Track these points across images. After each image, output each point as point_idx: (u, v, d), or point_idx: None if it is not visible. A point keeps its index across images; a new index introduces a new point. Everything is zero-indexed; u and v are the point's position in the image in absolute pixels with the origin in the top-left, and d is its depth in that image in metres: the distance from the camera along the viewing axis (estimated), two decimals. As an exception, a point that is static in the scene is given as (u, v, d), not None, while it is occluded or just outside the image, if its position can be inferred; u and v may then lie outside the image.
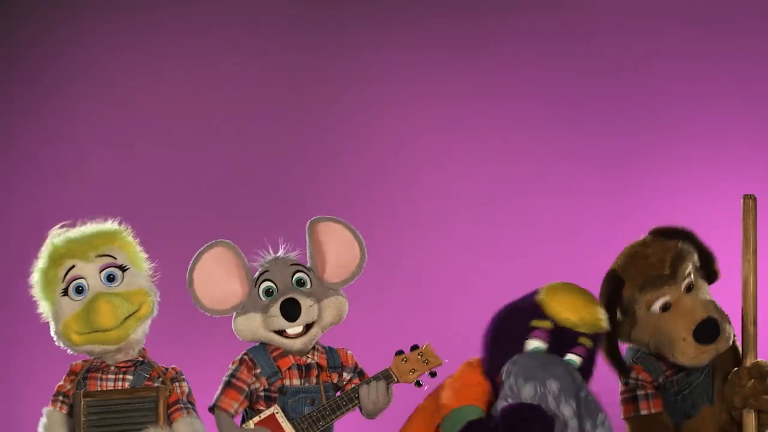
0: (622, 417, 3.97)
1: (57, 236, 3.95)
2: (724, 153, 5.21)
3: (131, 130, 5.47)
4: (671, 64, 5.31)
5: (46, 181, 5.43)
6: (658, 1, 5.35)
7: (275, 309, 3.89)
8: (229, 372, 3.96)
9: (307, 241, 4.02)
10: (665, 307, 3.85)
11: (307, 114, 5.48)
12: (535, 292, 3.82)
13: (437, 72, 5.45)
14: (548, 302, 3.73)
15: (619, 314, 3.90)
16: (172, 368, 3.93)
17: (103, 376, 3.88)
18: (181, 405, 3.87)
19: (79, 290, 3.86)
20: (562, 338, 3.70)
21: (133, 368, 3.89)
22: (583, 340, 3.71)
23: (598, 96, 5.36)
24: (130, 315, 3.84)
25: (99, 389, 3.86)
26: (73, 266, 3.87)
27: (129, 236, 3.98)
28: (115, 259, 3.91)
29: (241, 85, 5.48)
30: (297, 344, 3.93)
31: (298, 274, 3.97)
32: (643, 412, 3.91)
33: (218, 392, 3.94)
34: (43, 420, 3.87)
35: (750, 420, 3.79)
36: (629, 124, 5.32)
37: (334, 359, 4.00)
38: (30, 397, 5.03)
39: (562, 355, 3.69)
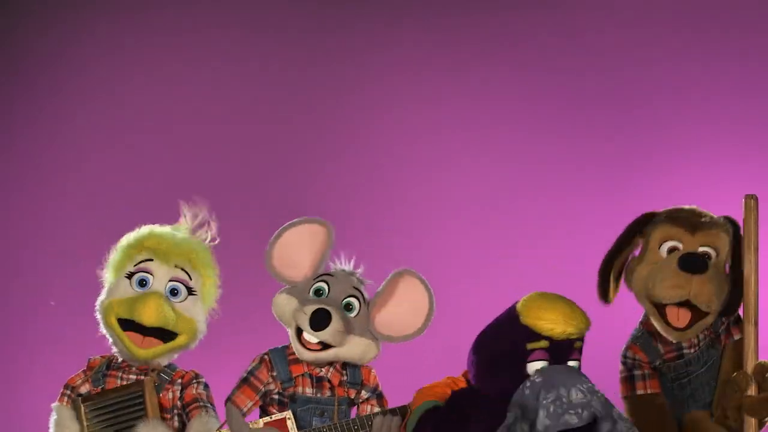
0: (620, 396, 3.99)
1: (157, 227, 3.95)
2: (725, 152, 5.21)
3: (131, 130, 5.48)
4: (672, 64, 5.31)
5: (46, 181, 5.43)
6: (659, 1, 5.36)
7: (309, 309, 3.85)
8: (249, 369, 3.95)
9: (386, 282, 3.96)
10: (672, 251, 3.86)
11: (306, 114, 5.48)
12: (514, 313, 3.80)
13: (437, 72, 5.45)
14: (537, 323, 3.72)
15: (637, 241, 3.92)
16: (192, 371, 3.92)
17: (124, 376, 3.87)
18: (200, 403, 3.87)
19: (142, 283, 3.86)
20: (560, 351, 3.71)
21: (155, 370, 3.89)
22: (577, 344, 3.74)
23: (599, 96, 5.36)
24: (166, 337, 3.84)
25: (111, 388, 3.87)
26: (150, 260, 3.87)
27: (215, 266, 3.98)
28: (190, 279, 3.91)
29: (241, 85, 5.48)
30: (306, 355, 3.90)
31: (352, 299, 3.92)
32: (639, 392, 3.93)
33: (235, 387, 3.93)
34: (54, 416, 3.86)
35: (750, 423, 3.81)
36: (630, 124, 5.32)
37: (355, 375, 3.97)
38: (29, 398, 5.05)
39: (562, 364, 3.71)
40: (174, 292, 3.88)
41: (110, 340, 3.89)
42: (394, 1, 5.49)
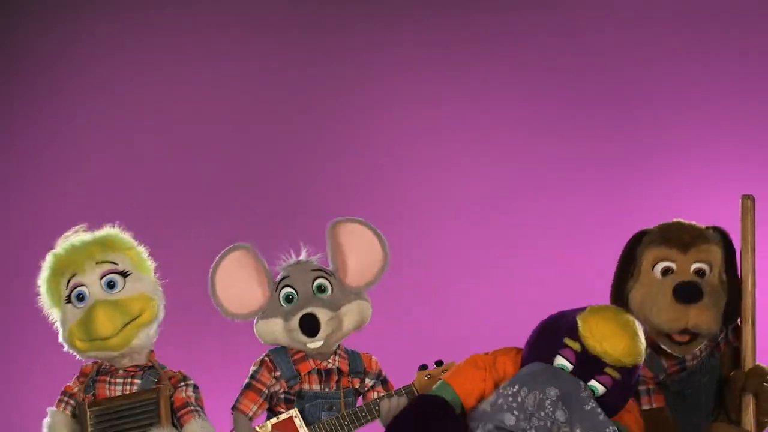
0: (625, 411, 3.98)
1: (59, 245, 3.94)
2: (722, 153, 5.21)
3: (131, 130, 5.48)
4: (671, 64, 5.31)
5: (46, 181, 5.43)
6: (659, 1, 5.36)
7: (295, 322, 3.84)
8: (250, 373, 3.93)
9: (328, 243, 3.94)
10: (666, 273, 3.85)
11: (306, 114, 5.48)
12: (582, 308, 3.75)
13: (437, 72, 5.45)
14: (583, 324, 3.66)
15: (632, 269, 3.91)
16: (179, 372, 3.92)
17: (112, 380, 3.88)
18: (192, 407, 3.86)
19: (80, 298, 3.85)
20: (587, 363, 3.65)
21: (141, 372, 3.88)
22: (609, 370, 3.65)
23: (598, 96, 5.35)
24: (129, 322, 3.83)
25: (107, 394, 3.86)
26: (75, 274, 3.87)
27: (132, 241, 3.96)
28: (117, 265, 3.90)
29: (242, 85, 5.48)
30: (316, 344, 3.89)
31: (318, 280, 3.90)
32: (645, 406, 3.90)
33: (239, 394, 3.92)
34: (47, 420, 3.87)
35: (748, 402, 3.80)
36: (629, 125, 5.32)
37: (356, 364, 3.96)
38: (29, 398, 5.05)
39: (587, 380, 3.64)
40: (111, 284, 3.87)
41: (89, 358, 3.91)
42: (394, 1, 5.49)
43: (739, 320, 3.92)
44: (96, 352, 3.83)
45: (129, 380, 3.87)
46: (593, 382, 3.63)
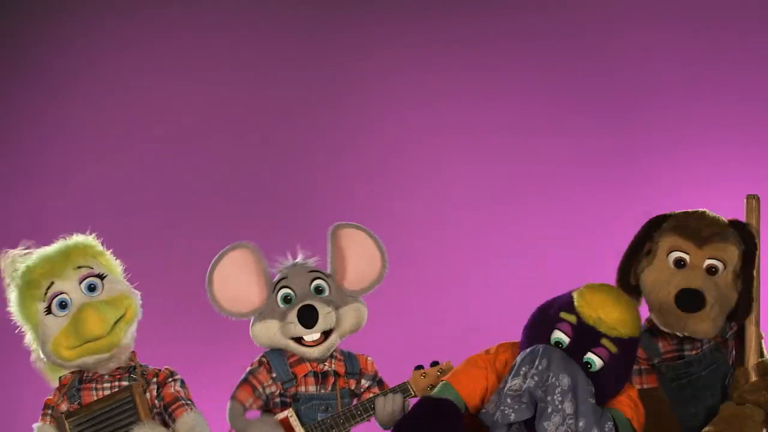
0: None
1: (25, 258, 3.93)
2: (727, 153, 5.22)
3: (131, 130, 5.48)
4: (674, 63, 5.31)
5: (46, 182, 5.44)
6: (665, 2, 5.36)
7: (293, 315, 3.87)
8: (249, 370, 3.95)
9: (328, 246, 3.98)
10: (678, 263, 3.84)
11: (306, 114, 5.49)
12: (577, 288, 3.81)
13: (437, 72, 5.46)
14: (578, 296, 3.72)
15: (647, 247, 3.91)
16: (165, 368, 3.92)
17: (98, 386, 3.87)
18: (182, 401, 3.86)
19: (63, 305, 3.84)
20: (584, 336, 3.68)
21: (126, 374, 3.88)
22: (605, 342, 3.68)
23: (600, 96, 5.36)
24: (118, 320, 3.83)
25: (96, 400, 3.86)
26: (53, 283, 3.86)
27: (99, 245, 3.97)
28: (92, 268, 3.91)
29: (242, 85, 5.49)
30: (315, 352, 3.91)
31: (316, 281, 3.94)
32: (636, 386, 3.91)
33: (236, 386, 3.93)
34: None
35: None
36: (633, 125, 5.32)
37: (353, 365, 3.98)
38: (30, 396, 5.04)
39: (584, 352, 3.67)
40: (91, 287, 3.88)
41: (81, 368, 3.89)
42: (394, 2, 5.49)
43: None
44: (85, 357, 3.82)
45: (116, 384, 3.88)
46: (590, 355, 3.66)
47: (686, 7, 5.33)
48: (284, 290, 3.93)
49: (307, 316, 3.86)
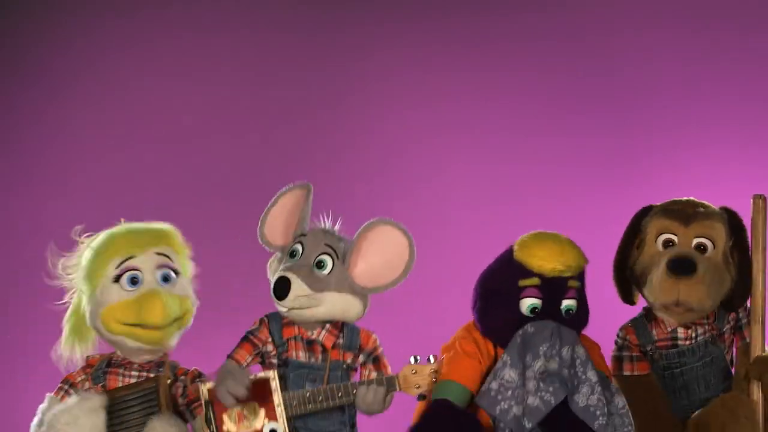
0: (612, 373, 4.00)
1: (116, 228, 3.92)
2: (728, 153, 5.22)
3: (131, 130, 5.48)
4: (674, 63, 5.32)
5: (46, 181, 5.43)
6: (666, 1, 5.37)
7: (275, 278, 3.84)
8: (249, 329, 3.92)
9: (358, 233, 3.90)
10: (667, 245, 3.86)
11: (306, 114, 5.48)
12: (510, 252, 3.85)
13: (437, 72, 5.46)
14: (529, 259, 3.76)
15: (638, 239, 3.95)
16: (195, 369, 3.92)
17: (126, 372, 3.87)
18: None
19: (134, 281, 3.84)
20: (553, 289, 3.74)
21: (155, 367, 3.89)
22: (571, 283, 3.75)
23: (600, 96, 5.36)
24: (176, 319, 3.85)
25: (120, 385, 3.85)
26: (132, 257, 3.85)
27: (184, 244, 3.98)
28: (171, 261, 3.91)
29: (242, 85, 5.48)
30: (282, 309, 3.85)
31: (323, 255, 3.87)
32: (626, 372, 3.95)
33: (236, 345, 3.89)
34: (43, 405, 3.85)
35: (753, 390, 3.82)
36: (633, 125, 5.33)
37: (351, 339, 3.92)
38: (30, 396, 5.03)
39: (558, 304, 3.73)
40: (166, 278, 3.88)
41: (115, 346, 3.88)
42: (393, 2, 5.49)
43: (742, 313, 3.96)
44: (128, 339, 3.82)
45: (144, 374, 3.87)
46: (565, 303, 3.74)
47: (686, 7, 5.33)
48: (296, 245, 3.89)
49: (279, 288, 3.82)
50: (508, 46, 5.42)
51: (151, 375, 3.86)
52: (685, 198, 3.98)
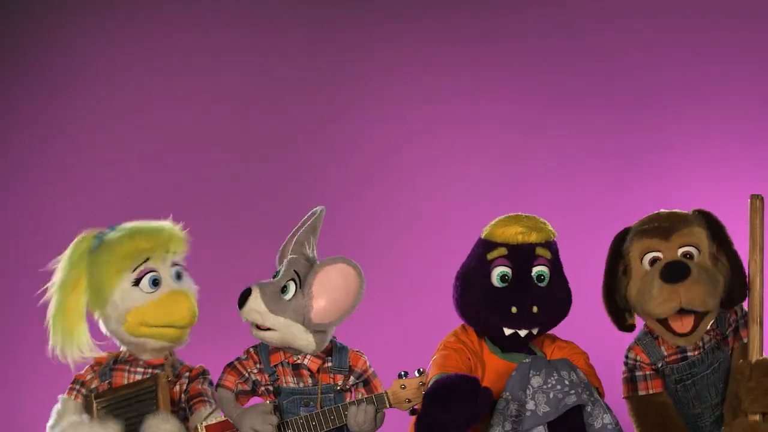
0: (622, 396, 4.02)
1: (120, 231, 3.92)
2: (730, 152, 5.21)
3: (131, 130, 5.48)
4: (674, 63, 5.31)
5: (47, 181, 5.43)
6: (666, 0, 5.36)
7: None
8: (236, 358, 3.96)
9: (311, 275, 3.88)
10: (653, 262, 3.87)
11: (305, 114, 5.48)
12: (479, 238, 3.97)
13: (437, 72, 5.45)
14: (492, 233, 3.90)
15: (621, 268, 3.95)
16: (200, 366, 3.94)
17: (132, 369, 3.89)
18: (205, 398, 3.89)
19: (156, 283, 3.86)
20: (521, 256, 3.85)
21: (161, 365, 3.91)
22: (540, 251, 3.86)
23: (601, 95, 5.36)
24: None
25: (125, 382, 3.87)
26: (148, 259, 3.85)
27: (185, 238, 4.00)
28: (179, 258, 3.96)
29: (242, 85, 5.48)
30: (259, 333, 3.88)
31: (289, 282, 3.88)
32: (641, 392, 3.95)
33: (222, 373, 3.93)
34: (57, 406, 3.90)
35: None
36: (633, 125, 5.31)
37: (340, 361, 3.94)
38: (30, 396, 5.03)
39: (529, 271, 3.81)
40: (179, 276, 3.92)
41: (133, 349, 3.88)
42: (393, 2, 5.49)
43: (740, 312, 3.96)
44: (153, 340, 3.83)
45: (149, 371, 3.90)
46: (535, 269, 3.84)
47: (686, 7, 5.33)
48: (281, 266, 3.92)
49: (240, 297, 3.86)
50: (508, 46, 5.42)
51: (156, 371, 3.88)
52: (655, 212, 3.98)
